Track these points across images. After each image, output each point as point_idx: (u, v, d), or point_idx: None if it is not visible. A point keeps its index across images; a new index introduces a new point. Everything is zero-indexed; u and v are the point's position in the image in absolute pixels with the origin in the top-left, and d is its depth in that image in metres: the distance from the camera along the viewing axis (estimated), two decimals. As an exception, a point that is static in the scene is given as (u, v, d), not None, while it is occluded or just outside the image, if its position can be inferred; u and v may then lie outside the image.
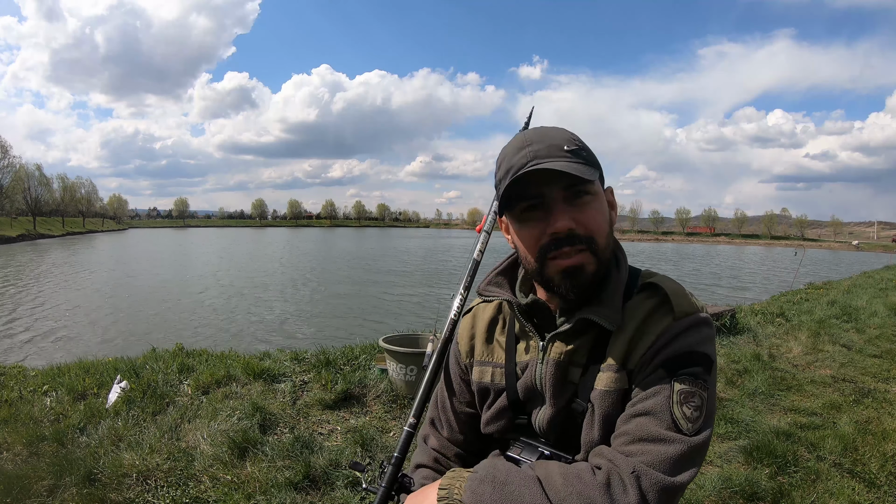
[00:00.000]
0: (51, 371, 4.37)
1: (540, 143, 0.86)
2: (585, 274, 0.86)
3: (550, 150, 0.85)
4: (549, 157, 0.84)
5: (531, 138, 0.88)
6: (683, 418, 0.79)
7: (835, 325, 6.42)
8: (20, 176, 75.30)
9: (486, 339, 1.05)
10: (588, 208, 0.86)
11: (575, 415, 0.91)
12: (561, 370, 0.92)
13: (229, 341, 9.76)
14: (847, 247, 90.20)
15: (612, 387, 0.86)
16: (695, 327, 0.85)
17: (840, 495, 2.51)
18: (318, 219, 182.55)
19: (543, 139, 0.87)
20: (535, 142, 0.87)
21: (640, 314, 0.88)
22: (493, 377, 1.02)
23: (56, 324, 12.73)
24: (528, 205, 0.87)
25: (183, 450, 2.77)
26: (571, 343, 0.91)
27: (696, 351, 0.83)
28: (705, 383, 0.82)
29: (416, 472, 1.11)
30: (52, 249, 44.55)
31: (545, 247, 0.86)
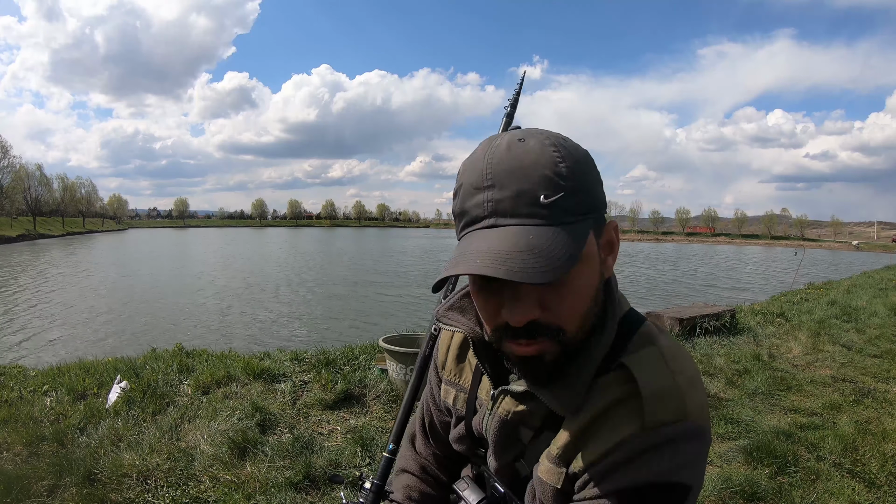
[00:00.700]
0: (51, 371, 4.37)
1: (506, 188, 0.60)
2: (544, 363, 0.66)
3: (518, 204, 0.59)
4: (517, 215, 0.59)
5: (495, 174, 0.60)
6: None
7: (835, 325, 6.42)
8: (20, 176, 75.39)
9: (457, 357, 0.92)
10: (563, 290, 0.62)
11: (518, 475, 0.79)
12: (507, 429, 0.77)
13: (219, 341, 9.75)
14: (847, 247, 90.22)
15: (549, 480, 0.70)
16: (671, 445, 0.62)
17: (840, 495, 2.51)
18: (318, 219, 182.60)
19: (512, 179, 0.60)
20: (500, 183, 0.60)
21: (602, 403, 0.66)
22: (455, 401, 0.91)
23: (44, 323, 12.73)
24: None
25: (183, 450, 2.77)
26: (522, 405, 0.75)
27: (665, 483, 0.61)
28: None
29: (399, 476, 1.04)
30: (51, 249, 44.57)
31: (500, 328, 0.66)
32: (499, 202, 0.60)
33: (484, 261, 0.56)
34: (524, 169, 0.60)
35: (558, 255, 0.57)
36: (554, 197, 0.59)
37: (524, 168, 0.60)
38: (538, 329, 0.63)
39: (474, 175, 0.63)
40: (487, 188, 0.61)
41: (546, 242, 0.57)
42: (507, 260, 0.56)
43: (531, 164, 0.60)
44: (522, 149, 0.61)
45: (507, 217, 0.60)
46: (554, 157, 0.61)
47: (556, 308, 0.63)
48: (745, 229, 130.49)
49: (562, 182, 0.60)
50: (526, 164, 0.60)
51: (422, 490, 1.02)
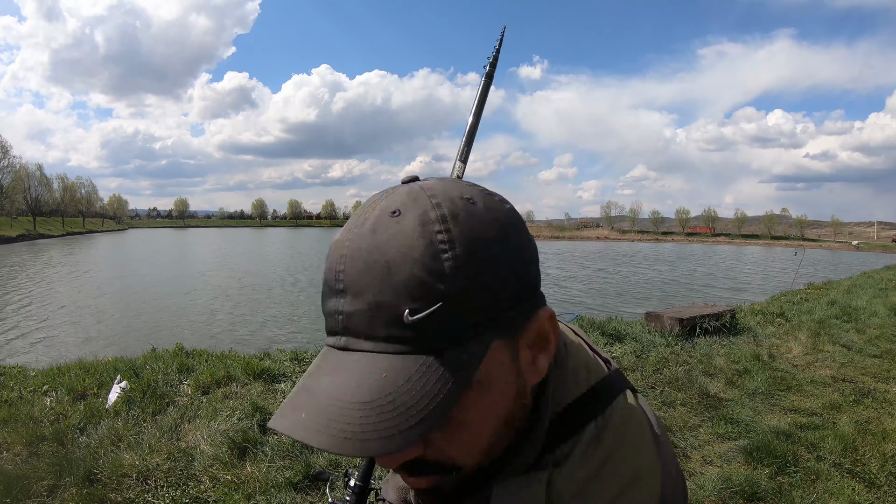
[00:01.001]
0: (51, 371, 4.36)
1: (361, 296, 0.42)
2: (443, 491, 0.52)
3: (374, 324, 0.41)
4: (371, 337, 0.42)
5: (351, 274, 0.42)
6: None
7: (835, 325, 6.42)
8: (20, 176, 75.54)
9: None
10: (453, 422, 0.44)
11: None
12: None
13: (207, 341, 9.76)
14: (847, 247, 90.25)
15: None
16: None
17: (840, 495, 2.51)
18: (318, 219, 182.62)
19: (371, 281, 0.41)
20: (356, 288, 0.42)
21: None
22: None
23: (33, 324, 12.75)
24: None
25: (183, 450, 2.77)
26: None
27: None
28: None
29: (395, 476, 0.99)
30: (49, 250, 44.61)
31: None
32: (350, 317, 0.42)
33: (310, 415, 0.41)
34: (388, 266, 0.41)
35: (419, 404, 0.40)
36: (424, 312, 0.40)
37: (388, 264, 0.41)
38: (422, 467, 0.47)
39: (329, 269, 0.45)
40: (339, 293, 0.43)
41: (404, 384, 0.40)
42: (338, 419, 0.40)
43: (398, 257, 0.41)
44: (391, 231, 0.42)
45: (361, 339, 0.42)
46: (433, 247, 0.41)
47: (442, 444, 0.46)
48: (745, 229, 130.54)
49: (440, 286, 0.40)
50: (391, 259, 0.41)
51: None
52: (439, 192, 0.45)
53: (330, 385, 0.42)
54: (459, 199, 0.44)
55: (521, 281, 0.45)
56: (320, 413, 0.40)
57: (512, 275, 0.44)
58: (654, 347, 4.97)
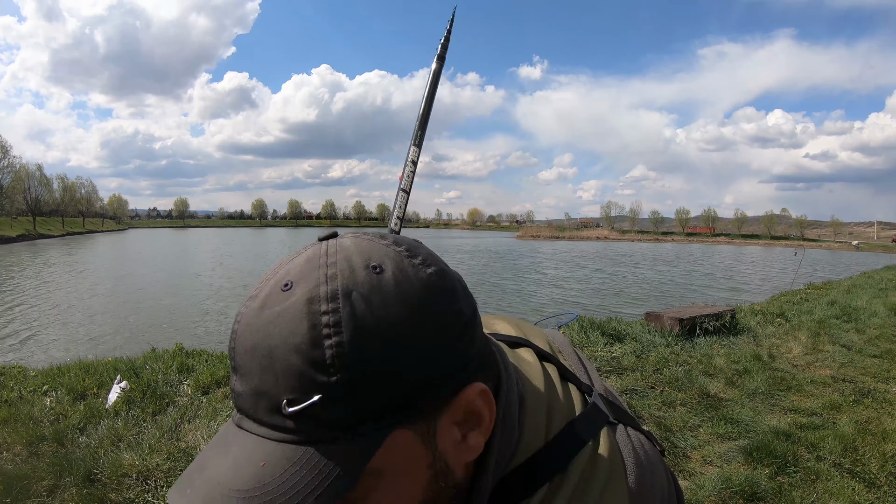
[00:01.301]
0: (51, 371, 4.37)
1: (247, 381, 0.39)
2: None
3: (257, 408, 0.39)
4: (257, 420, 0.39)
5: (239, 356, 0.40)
6: None
7: (835, 325, 6.42)
8: (20, 176, 75.56)
9: None
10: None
11: None
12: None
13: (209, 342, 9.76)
14: (847, 247, 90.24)
15: None
16: None
17: (840, 495, 2.51)
18: (318, 219, 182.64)
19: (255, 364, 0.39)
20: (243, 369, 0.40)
21: None
22: None
23: (21, 325, 12.75)
24: None
25: (183, 450, 2.77)
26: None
27: None
28: None
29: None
30: (48, 250, 44.64)
31: None
32: (238, 397, 0.40)
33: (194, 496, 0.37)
34: (269, 351, 0.38)
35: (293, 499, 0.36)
36: (301, 405, 0.37)
37: (269, 349, 0.38)
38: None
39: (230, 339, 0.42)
40: (234, 370, 0.41)
41: (279, 477, 0.36)
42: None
43: (279, 343, 0.38)
44: (277, 310, 0.39)
45: (251, 420, 0.40)
46: (316, 331, 0.37)
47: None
48: (745, 229, 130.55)
49: (321, 377, 0.36)
50: (272, 344, 0.38)
51: None
52: (342, 259, 0.40)
53: (217, 466, 0.39)
54: (363, 270, 0.39)
55: (436, 364, 0.40)
56: (203, 497, 0.37)
57: (421, 360, 0.39)
58: (654, 347, 4.97)
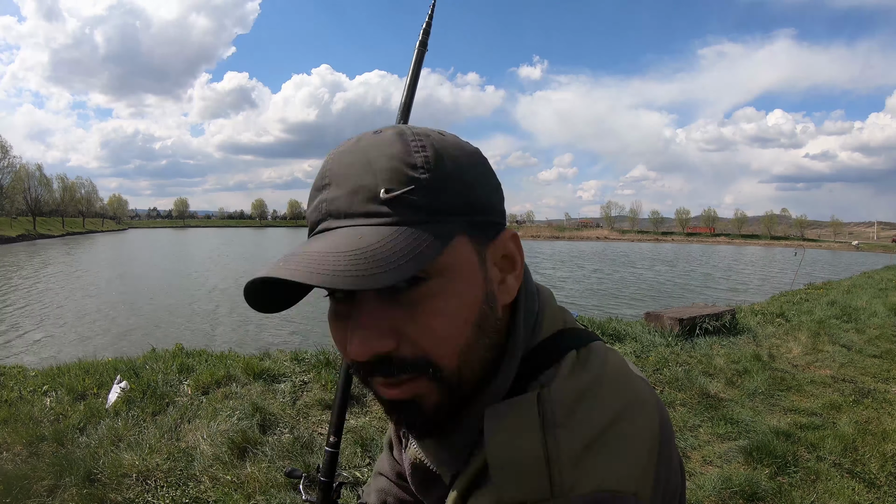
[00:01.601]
0: (51, 371, 4.36)
1: (342, 185, 0.47)
2: (423, 411, 0.50)
3: (353, 202, 0.46)
4: (350, 214, 0.46)
5: (333, 171, 0.48)
6: None
7: (835, 325, 6.42)
8: (20, 176, 75.61)
9: None
10: (422, 309, 0.46)
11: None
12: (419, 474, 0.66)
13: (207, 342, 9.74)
14: (847, 247, 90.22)
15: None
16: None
17: (840, 495, 2.51)
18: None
19: (350, 175, 0.47)
20: (337, 180, 0.48)
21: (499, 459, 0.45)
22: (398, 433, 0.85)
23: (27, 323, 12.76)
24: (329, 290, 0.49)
25: (183, 450, 2.77)
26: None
27: None
28: None
29: (376, 478, 0.99)
30: (48, 250, 44.64)
31: (353, 366, 0.50)
32: (332, 202, 0.47)
33: (287, 264, 0.43)
34: (367, 162, 0.47)
35: (391, 258, 0.42)
36: (398, 191, 0.45)
37: (367, 161, 0.47)
38: (397, 364, 0.47)
39: (318, 173, 0.51)
40: (324, 188, 0.48)
41: (377, 242, 0.43)
42: (315, 262, 0.42)
43: (376, 155, 0.47)
44: (372, 140, 0.48)
45: (340, 219, 0.46)
46: (408, 147, 0.47)
47: (414, 336, 0.46)
48: (744, 229, 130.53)
49: (412, 173, 0.46)
50: (370, 157, 0.47)
51: (397, 495, 0.96)
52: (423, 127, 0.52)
53: (308, 248, 0.45)
54: (432, 130, 0.51)
55: (486, 195, 0.51)
56: (299, 261, 0.43)
57: (477, 185, 0.50)
58: (654, 347, 4.97)
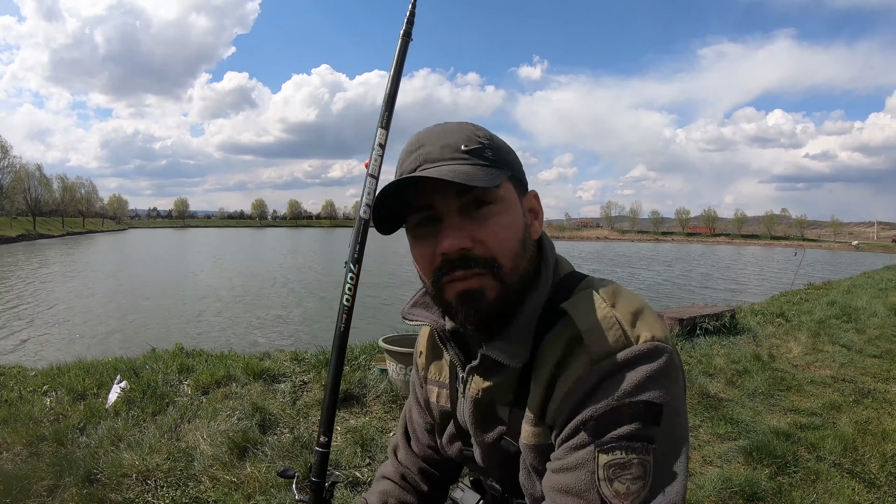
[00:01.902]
0: (51, 371, 4.36)
1: (433, 144, 0.71)
2: (485, 300, 0.70)
3: (444, 152, 0.70)
4: (442, 159, 0.69)
5: (424, 139, 0.73)
6: (616, 497, 0.61)
7: (835, 325, 6.42)
8: (20, 176, 75.52)
9: (433, 355, 0.94)
10: (489, 221, 0.69)
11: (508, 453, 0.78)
12: (480, 409, 0.79)
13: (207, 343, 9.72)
14: (847, 247, 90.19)
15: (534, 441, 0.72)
16: (625, 369, 0.64)
17: (840, 495, 2.51)
18: (317, 219, 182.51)
19: (438, 138, 0.72)
20: (428, 142, 0.72)
21: (553, 355, 0.69)
22: (438, 398, 0.92)
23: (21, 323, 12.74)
24: (420, 217, 0.72)
25: (183, 450, 2.77)
26: (490, 380, 0.77)
27: (627, 404, 0.62)
28: (647, 444, 0.62)
29: (379, 482, 1.05)
30: (46, 250, 44.60)
31: (439, 269, 0.70)
32: (427, 154, 0.71)
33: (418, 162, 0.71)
34: (449, 133, 0.73)
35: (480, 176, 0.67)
36: (474, 146, 0.71)
37: (449, 132, 0.73)
38: (472, 259, 0.69)
39: (408, 145, 0.75)
40: (418, 148, 0.72)
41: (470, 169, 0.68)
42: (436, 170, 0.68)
43: (455, 130, 0.73)
44: (448, 124, 0.76)
45: (434, 163, 0.70)
46: (473, 127, 0.75)
47: (485, 240, 0.69)
48: (744, 229, 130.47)
49: (479, 140, 0.72)
50: (451, 130, 0.73)
51: (399, 497, 1.00)
52: None
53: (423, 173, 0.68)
54: (476, 126, 0.76)
55: (519, 165, 0.78)
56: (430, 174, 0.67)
57: (514, 156, 0.77)
58: (654, 347, 4.96)
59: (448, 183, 0.67)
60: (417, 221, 0.73)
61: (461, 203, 0.70)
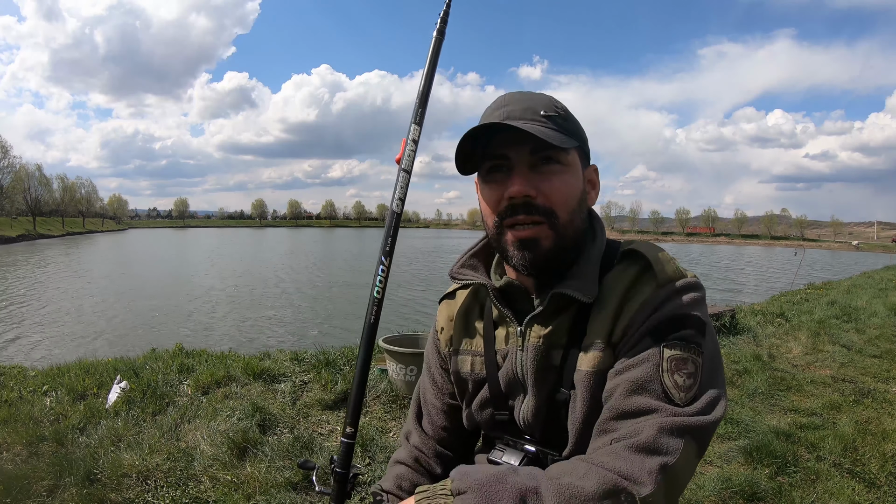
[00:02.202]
0: (51, 371, 4.36)
1: (516, 105, 0.82)
2: (540, 248, 0.81)
3: (525, 113, 0.81)
4: (522, 118, 0.80)
5: (509, 100, 0.84)
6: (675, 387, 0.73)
7: (835, 325, 6.42)
8: (20, 176, 75.43)
9: (464, 326, 0.99)
10: (553, 177, 0.81)
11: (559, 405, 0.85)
12: (541, 355, 0.86)
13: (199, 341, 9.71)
14: (847, 247, 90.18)
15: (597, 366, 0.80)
16: (681, 292, 0.79)
17: (840, 495, 2.51)
18: (317, 219, 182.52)
19: (522, 101, 0.83)
20: (512, 103, 0.83)
21: (622, 285, 0.82)
22: (472, 367, 0.96)
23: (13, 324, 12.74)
24: (493, 165, 0.84)
25: (183, 450, 2.77)
26: (550, 325, 0.86)
27: (685, 314, 0.77)
28: (699, 347, 0.76)
29: (393, 467, 1.07)
30: (46, 250, 44.57)
31: (502, 212, 0.82)
32: (510, 111, 0.81)
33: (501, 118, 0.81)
34: (531, 98, 0.85)
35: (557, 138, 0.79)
36: (552, 113, 0.82)
37: (531, 98, 0.85)
38: (534, 207, 0.80)
39: (494, 104, 0.85)
40: (503, 106, 0.83)
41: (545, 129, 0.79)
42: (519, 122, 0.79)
43: (536, 97, 0.85)
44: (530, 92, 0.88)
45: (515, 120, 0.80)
46: (553, 98, 0.86)
47: (547, 193, 0.80)
48: (744, 229, 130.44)
49: (557, 110, 0.83)
50: (533, 97, 0.85)
51: (412, 480, 1.03)
52: None
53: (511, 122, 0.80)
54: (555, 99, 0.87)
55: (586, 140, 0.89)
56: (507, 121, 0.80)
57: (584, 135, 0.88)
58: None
59: (524, 138, 0.78)
60: (490, 167, 0.84)
61: (532, 158, 0.81)
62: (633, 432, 0.71)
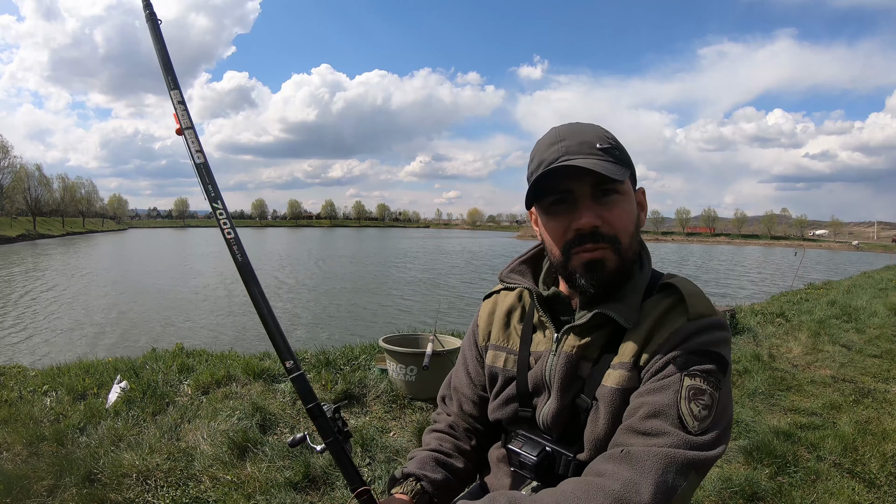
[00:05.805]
0: (51, 371, 4.37)
1: (572, 140, 0.88)
2: (607, 269, 0.87)
3: (582, 147, 0.87)
4: (580, 154, 0.86)
5: (564, 134, 0.90)
6: (690, 415, 0.78)
7: (835, 325, 6.42)
8: (20, 176, 75.32)
9: (504, 325, 1.06)
10: (615, 207, 0.87)
11: (579, 411, 0.91)
12: (572, 364, 0.92)
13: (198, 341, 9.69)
14: (847, 247, 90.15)
15: (622, 385, 0.86)
16: (709, 329, 0.85)
17: (840, 495, 2.51)
18: (317, 219, 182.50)
19: (576, 135, 0.89)
20: (568, 138, 0.88)
21: (656, 313, 0.88)
22: (505, 363, 1.02)
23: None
24: (556, 198, 0.89)
25: (183, 450, 2.77)
26: (586, 337, 0.92)
27: (710, 350, 0.83)
28: (718, 383, 0.81)
29: (429, 434, 1.14)
30: (47, 250, 44.54)
31: (570, 242, 0.88)
32: (568, 147, 0.87)
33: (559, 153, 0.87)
34: (585, 132, 0.90)
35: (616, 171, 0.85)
36: (606, 145, 0.88)
37: (585, 131, 0.90)
38: (600, 235, 0.86)
39: (548, 138, 0.91)
40: (560, 141, 0.89)
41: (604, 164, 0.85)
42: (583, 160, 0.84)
43: (589, 129, 0.91)
44: (580, 124, 0.93)
45: (573, 155, 0.86)
46: (602, 129, 0.92)
47: (611, 221, 0.87)
48: (744, 229, 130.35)
49: (610, 141, 0.89)
50: (585, 130, 0.91)
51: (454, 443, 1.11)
52: None
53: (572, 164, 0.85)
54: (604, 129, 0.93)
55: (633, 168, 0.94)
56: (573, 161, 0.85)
57: (631, 160, 0.92)
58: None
59: (586, 172, 0.84)
60: (553, 201, 0.90)
61: (594, 190, 0.87)
62: (643, 454, 0.76)
